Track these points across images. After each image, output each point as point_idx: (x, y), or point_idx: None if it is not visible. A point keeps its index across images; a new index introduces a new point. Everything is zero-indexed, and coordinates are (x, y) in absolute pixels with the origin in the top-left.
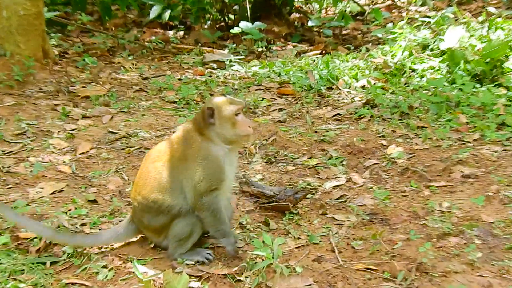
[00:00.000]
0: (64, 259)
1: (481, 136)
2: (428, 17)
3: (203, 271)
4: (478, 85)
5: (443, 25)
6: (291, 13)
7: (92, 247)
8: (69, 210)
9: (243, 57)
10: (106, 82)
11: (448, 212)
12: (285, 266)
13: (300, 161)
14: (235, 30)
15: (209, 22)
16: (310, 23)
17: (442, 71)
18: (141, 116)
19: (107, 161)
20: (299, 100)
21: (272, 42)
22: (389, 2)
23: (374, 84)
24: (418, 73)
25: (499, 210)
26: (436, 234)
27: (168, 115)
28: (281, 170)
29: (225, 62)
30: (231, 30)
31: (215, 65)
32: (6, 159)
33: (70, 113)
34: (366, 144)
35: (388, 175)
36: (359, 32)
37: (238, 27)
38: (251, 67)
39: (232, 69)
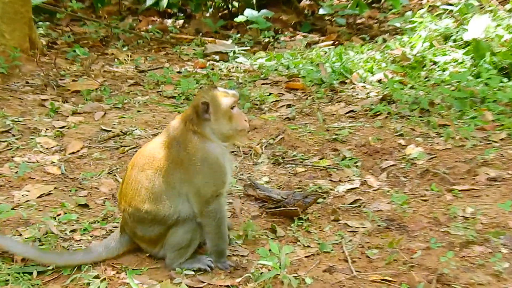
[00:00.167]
0: (52, 269)
1: (508, 135)
2: (451, 4)
3: (204, 282)
4: (505, 79)
5: (467, 13)
6: (301, 0)
7: (82, 265)
8: (58, 215)
9: (248, 48)
10: (98, 75)
11: (472, 218)
12: (294, 277)
13: (311, 162)
14: (239, 18)
15: (211, 9)
16: (321, 11)
17: (466, 64)
18: (136, 112)
19: (100, 162)
20: (310, 96)
21: (280, 32)
22: None
23: (392, 78)
24: (439, 66)
25: None
26: (459, 242)
27: (166, 111)
28: (289, 172)
29: (229, 54)
30: (235, 19)
31: (217, 57)
32: None
33: (59, 109)
34: (383, 143)
35: (406, 178)
36: (375, 21)
37: (243, 15)
38: (257, 59)
39: (236, 62)
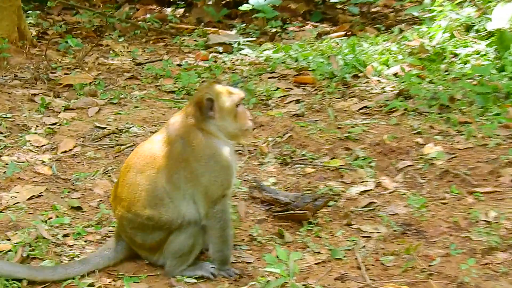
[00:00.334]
0: None
1: None
2: None
3: None
4: None
5: (490, 1)
6: None
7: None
8: (49, 219)
9: (254, 39)
10: (92, 68)
11: (496, 223)
12: (303, 285)
13: (321, 162)
14: (244, 7)
15: None
16: None
17: (489, 56)
18: (133, 108)
19: (94, 161)
20: (320, 90)
21: (288, 22)
22: None
23: (409, 71)
24: (460, 59)
25: None
26: (481, 248)
27: (165, 107)
28: (298, 173)
29: (233, 45)
30: (240, 7)
31: (220, 49)
32: None
33: (50, 105)
34: (399, 142)
35: (424, 179)
36: (391, 10)
37: (248, 3)
38: (263, 51)
39: (240, 54)
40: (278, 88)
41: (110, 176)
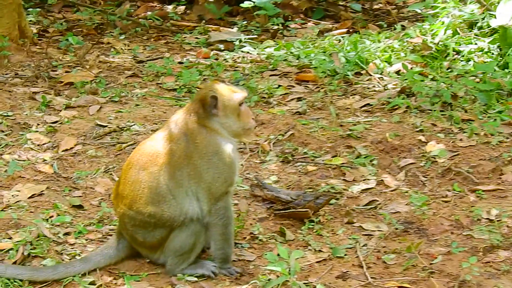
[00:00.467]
0: None
1: None
2: None
3: None
4: None
5: None
6: None
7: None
8: (50, 217)
9: (256, 36)
10: (93, 66)
11: (498, 221)
12: (304, 283)
13: (323, 160)
14: (245, 4)
15: None
16: None
17: (493, 54)
18: (134, 106)
19: (95, 160)
20: (322, 88)
21: (289, 19)
22: None
23: (411, 68)
24: (463, 56)
25: None
26: (483, 247)
27: (167, 105)
28: (299, 171)
29: (234, 43)
30: (241, 4)
31: (222, 46)
32: None
33: (51, 103)
34: (401, 140)
35: (426, 177)
36: (394, 7)
37: (250, 0)
38: (264, 48)
39: (242, 51)
40: (280, 85)
41: (111, 174)
